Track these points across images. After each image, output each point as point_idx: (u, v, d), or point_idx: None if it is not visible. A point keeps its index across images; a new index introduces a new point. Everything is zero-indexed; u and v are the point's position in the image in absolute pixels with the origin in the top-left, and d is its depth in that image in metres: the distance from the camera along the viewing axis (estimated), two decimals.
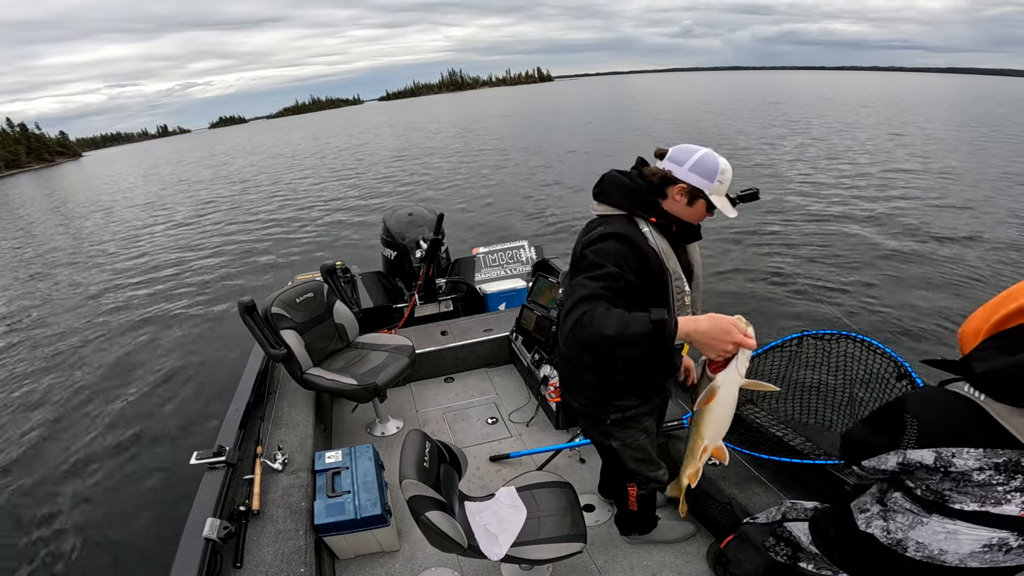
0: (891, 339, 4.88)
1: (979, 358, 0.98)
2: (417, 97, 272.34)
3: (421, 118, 53.95)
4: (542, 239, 8.15)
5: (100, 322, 7.20)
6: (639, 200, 1.42)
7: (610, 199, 1.45)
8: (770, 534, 1.52)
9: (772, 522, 1.55)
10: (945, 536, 1.04)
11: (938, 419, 1.00)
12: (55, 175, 46.49)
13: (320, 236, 10.57)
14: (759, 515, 1.63)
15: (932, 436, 0.99)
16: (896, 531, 1.13)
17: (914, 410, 1.03)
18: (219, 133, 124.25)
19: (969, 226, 8.15)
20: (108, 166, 50.98)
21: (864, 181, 11.52)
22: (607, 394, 1.62)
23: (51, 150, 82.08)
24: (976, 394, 0.96)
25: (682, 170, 1.38)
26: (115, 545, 3.25)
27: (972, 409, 0.96)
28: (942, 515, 1.04)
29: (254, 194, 17.09)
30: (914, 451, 1.01)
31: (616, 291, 1.27)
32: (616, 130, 25.19)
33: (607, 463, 2.06)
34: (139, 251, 11.28)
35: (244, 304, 2.48)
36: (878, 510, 1.19)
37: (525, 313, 3.19)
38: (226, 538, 1.69)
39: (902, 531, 1.11)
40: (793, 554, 1.44)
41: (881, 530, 1.16)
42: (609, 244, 1.35)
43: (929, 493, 1.04)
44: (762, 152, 15.63)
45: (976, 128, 21.64)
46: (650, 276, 1.38)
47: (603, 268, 1.30)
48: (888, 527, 1.14)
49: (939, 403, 1.01)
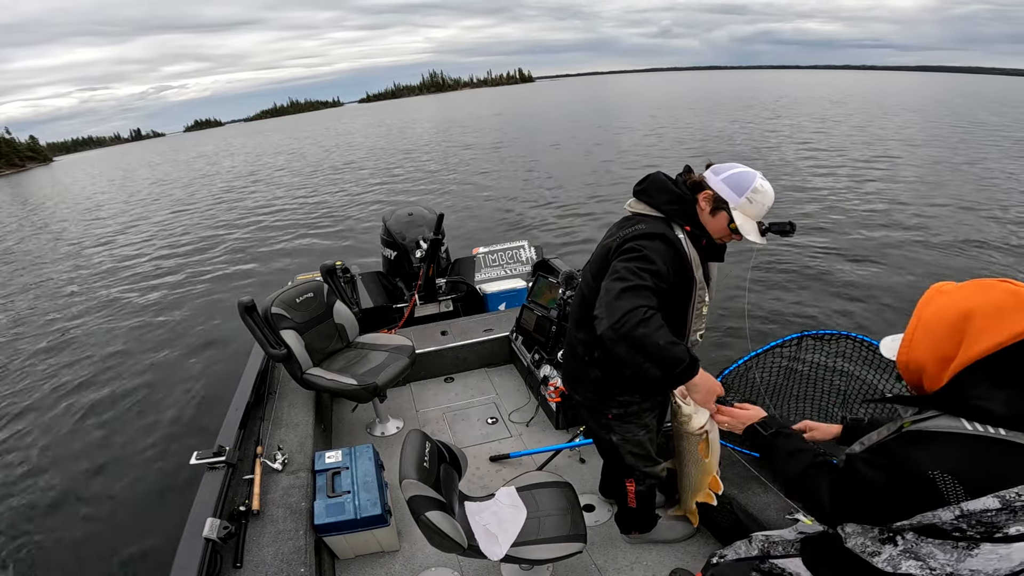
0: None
1: (982, 397, 0.91)
2: (398, 99, 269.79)
3: (407, 119, 53.72)
4: (542, 239, 8.16)
5: (100, 322, 7.20)
6: (681, 207, 1.44)
7: (652, 200, 1.47)
8: (752, 570, 1.35)
9: (750, 558, 1.38)
10: (998, 559, 0.97)
11: (974, 466, 0.90)
12: (27, 180, 45.01)
13: (320, 236, 10.58)
14: (726, 551, 1.47)
15: (979, 485, 0.91)
16: (943, 567, 1.00)
17: (935, 465, 0.92)
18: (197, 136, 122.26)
19: (969, 223, 8.17)
20: (81, 169, 49.98)
21: (860, 178, 11.55)
22: (611, 389, 1.63)
23: (22, 155, 78.71)
24: (988, 429, 0.90)
25: (716, 179, 1.42)
26: (115, 545, 3.25)
27: (996, 445, 0.90)
28: (994, 543, 0.95)
29: (254, 194, 17.10)
30: (972, 502, 0.91)
31: (659, 292, 1.30)
32: (607, 129, 25.26)
33: (606, 459, 2.06)
34: (137, 252, 11.29)
35: (244, 304, 2.49)
36: (896, 552, 1.05)
37: (525, 313, 3.19)
38: (226, 538, 1.69)
39: (951, 565, 1.00)
40: None
41: (920, 568, 1.02)
42: (657, 244, 1.36)
43: (979, 527, 0.94)
44: (757, 151, 15.69)
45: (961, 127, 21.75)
46: (682, 282, 1.41)
47: (653, 265, 1.32)
48: (930, 564, 1.02)
49: (956, 449, 0.93)
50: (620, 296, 1.23)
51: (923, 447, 0.95)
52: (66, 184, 34.15)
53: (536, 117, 38.36)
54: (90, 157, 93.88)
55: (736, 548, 1.44)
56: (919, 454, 0.95)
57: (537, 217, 10.20)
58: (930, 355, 0.97)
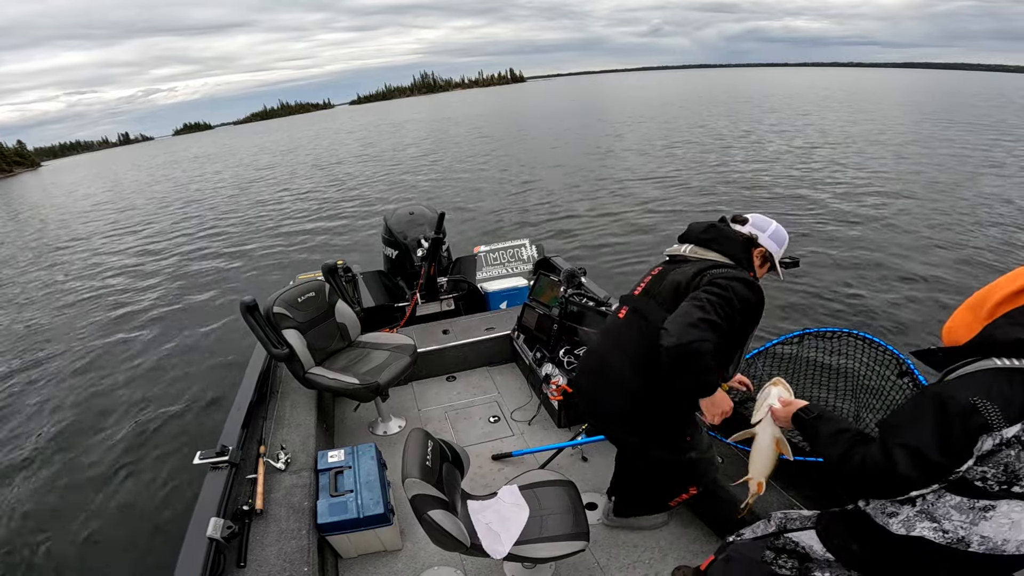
0: (893, 340, 4.87)
1: (1008, 335, 1.00)
2: (389, 100, 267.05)
3: (402, 119, 53.45)
4: (543, 238, 8.15)
5: (100, 323, 7.22)
6: (748, 259, 1.62)
7: (724, 250, 1.62)
8: (766, 548, 1.39)
9: (766, 535, 1.43)
10: (1010, 527, 1.02)
11: (1008, 390, 0.97)
12: (15, 186, 44.34)
13: (321, 236, 10.58)
14: (744, 531, 1.51)
15: (1014, 409, 0.96)
16: (956, 530, 1.06)
17: (975, 393, 0.98)
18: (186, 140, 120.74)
19: (967, 218, 8.15)
20: (71, 174, 49.26)
21: (855, 177, 11.51)
22: (684, 413, 1.70)
23: (9, 160, 76.92)
24: (1013, 361, 0.98)
25: (764, 236, 1.63)
26: (118, 544, 3.27)
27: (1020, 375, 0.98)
28: (1010, 499, 1.01)
29: (253, 195, 17.11)
30: (1008, 428, 0.96)
31: (725, 331, 1.42)
32: (605, 128, 25.21)
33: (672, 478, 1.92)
34: (137, 252, 11.30)
35: (246, 304, 2.49)
36: (914, 512, 1.10)
37: (527, 311, 3.19)
38: (229, 537, 1.69)
39: (964, 529, 1.05)
40: (801, 565, 1.33)
41: (933, 531, 1.07)
42: (742, 288, 1.45)
43: (1001, 475, 0.99)
44: (749, 148, 15.66)
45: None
46: (750, 325, 1.54)
47: (733, 307, 1.43)
48: (944, 527, 1.07)
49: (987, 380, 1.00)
50: (696, 324, 1.35)
51: (962, 384, 1.02)
52: (61, 187, 33.99)
53: (535, 117, 38.32)
54: (78, 162, 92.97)
55: (754, 528, 1.49)
56: (959, 391, 1.00)
57: (537, 217, 10.19)
58: (959, 323, 1.12)
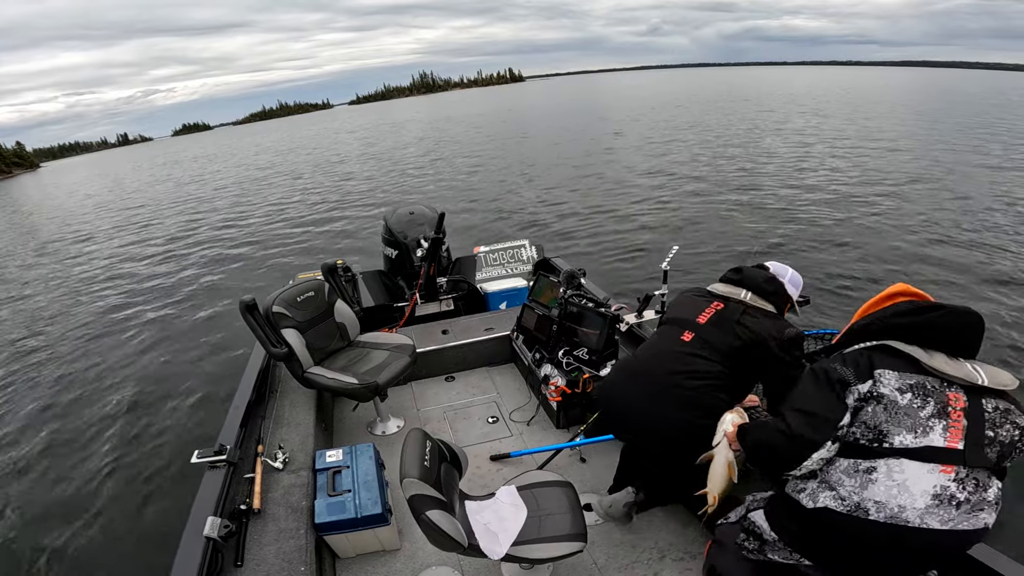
0: None
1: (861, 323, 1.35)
2: (388, 100, 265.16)
3: (402, 119, 53.25)
4: (543, 238, 8.15)
5: (101, 322, 7.22)
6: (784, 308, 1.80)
7: (777, 303, 1.76)
8: (741, 530, 1.47)
9: (740, 519, 1.51)
10: (897, 489, 1.12)
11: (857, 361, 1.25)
12: (15, 187, 44.12)
13: (321, 235, 10.58)
14: (730, 514, 1.58)
15: (862, 373, 1.21)
16: (851, 495, 1.16)
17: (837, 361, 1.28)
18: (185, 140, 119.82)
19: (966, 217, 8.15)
20: (71, 175, 48.83)
21: (854, 174, 11.52)
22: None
23: (8, 162, 75.92)
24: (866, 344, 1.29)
25: (791, 287, 1.82)
26: (116, 543, 3.26)
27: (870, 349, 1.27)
28: (886, 456, 1.14)
29: (253, 194, 17.12)
30: (862, 384, 1.20)
31: None
32: (604, 128, 25.21)
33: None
34: (137, 252, 11.31)
35: (245, 303, 2.49)
36: (816, 484, 1.23)
37: (526, 312, 3.19)
38: (227, 537, 1.69)
39: (856, 494, 1.15)
40: (760, 547, 1.39)
41: (833, 499, 1.18)
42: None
43: (869, 432, 1.16)
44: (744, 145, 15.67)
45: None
46: None
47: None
48: (840, 494, 1.18)
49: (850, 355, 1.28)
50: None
51: (832, 360, 1.31)
52: (61, 188, 33.91)
53: (534, 116, 38.33)
54: (78, 162, 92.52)
55: (738, 511, 1.57)
56: (828, 363, 1.29)
57: (538, 216, 10.20)
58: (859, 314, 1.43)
